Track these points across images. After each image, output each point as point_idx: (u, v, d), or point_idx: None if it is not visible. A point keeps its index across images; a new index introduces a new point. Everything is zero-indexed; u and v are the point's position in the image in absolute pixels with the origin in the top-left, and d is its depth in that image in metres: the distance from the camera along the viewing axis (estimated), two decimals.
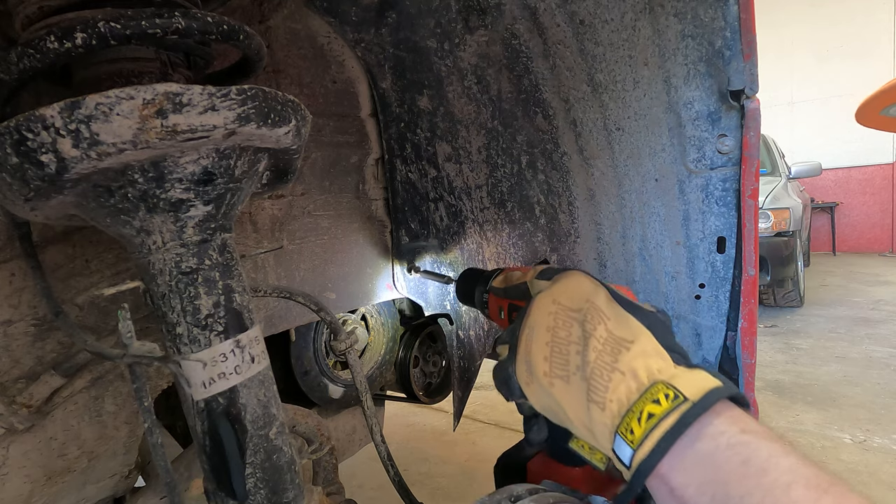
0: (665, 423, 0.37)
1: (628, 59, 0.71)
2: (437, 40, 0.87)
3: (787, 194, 4.41)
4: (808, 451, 2.22)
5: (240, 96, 0.40)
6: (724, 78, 0.63)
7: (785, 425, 2.43)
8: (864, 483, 2.01)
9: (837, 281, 5.58)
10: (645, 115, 0.73)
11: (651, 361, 0.41)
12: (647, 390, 0.39)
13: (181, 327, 0.45)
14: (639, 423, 0.38)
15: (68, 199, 0.41)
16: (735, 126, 0.66)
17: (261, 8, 0.84)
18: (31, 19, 0.44)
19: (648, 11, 0.66)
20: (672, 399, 0.38)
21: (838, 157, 7.50)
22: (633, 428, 0.38)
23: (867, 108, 4.18)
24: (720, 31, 0.62)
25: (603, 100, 0.76)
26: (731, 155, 0.67)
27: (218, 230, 0.47)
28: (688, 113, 0.69)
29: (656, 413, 0.38)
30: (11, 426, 0.55)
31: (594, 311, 0.45)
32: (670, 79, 0.68)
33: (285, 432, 0.52)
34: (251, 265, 0.84)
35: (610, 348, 0.43)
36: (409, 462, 2.15)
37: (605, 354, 0.43)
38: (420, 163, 1.03)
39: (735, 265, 0.69)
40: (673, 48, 0.66)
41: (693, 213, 0.72)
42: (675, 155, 0.72)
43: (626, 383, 0.40)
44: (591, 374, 0.42)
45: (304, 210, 0.93)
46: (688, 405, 0.37)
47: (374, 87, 1.01)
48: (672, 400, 0.38)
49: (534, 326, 0.49)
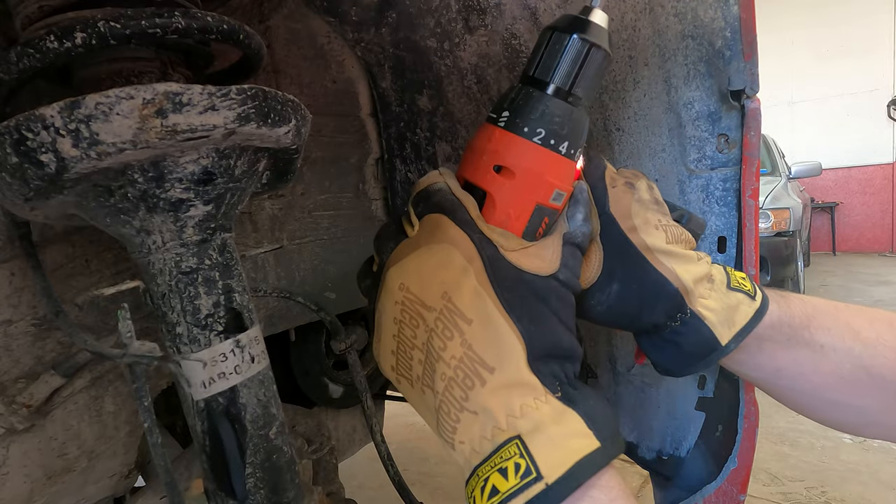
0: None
1: (628, 59, 0.71)
2: (437, 40, 0.87)
3: (787, 194, 4.42)
4: (809, 452, 2.23)
5: (240, 96, 0.40)
6: (725, 78, 0.63)
7: (785, 425, 2.43)
8: (864, 483, 2.01)
9: (837, 281, 5.58)
10: (645, 115, 0.73)
11: (513, 398, 0.33)
12: (496, 451, 0.32)
13: (181, 327, 0.45)
14: (481, 494, 0.32)
15: (68, 199, 0.41)
16: (735, 126, 0.66)
17: (261, 8, 0.84)
18: (31, 19, 0.44)
19: (648, 11, 0.66)
20: (522, 475, 0.31)
21: (838, 157, 7.51)
22: (476, 497, 0.32)
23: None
24: (720, 31, 0.62)
25: (603, 100, 0.76)
26: (731, 155, 0.67)
27: (218, 230, 0.47)
28: (688, 113, 0.69)
29: (501, 490, 0.31)
30: (11, 426, 0.55)
31: (449, 317, 0.35)
32: (670, 79, 0.68)
33: (285, 432, 0.52)
34: (251, 265, 0.84)
35: (463, 375, 0.34)
36: (409, 462, 2.15)
37: (455, 386, 0.34)
38: (420, 163, 1.03)
39: (735, 265, 0.69)
40: (673, 48, 0.66)
41: (694, 212, 0.72)
42: (675, 155, 0.72)
43: (480, 426, 0.33)
44: (439, 405, 0.35)
45: (304, 210, 0.93)
46: (538, 489, 0.30)
47: (373, 86, 1.01)
48: (521, 476, 0.31)
49: (381, 311, 0.40)
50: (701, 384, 0.76)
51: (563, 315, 0.38)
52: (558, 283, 0.38)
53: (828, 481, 2.04)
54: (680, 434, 0.80)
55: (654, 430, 0.83)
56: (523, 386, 0.34)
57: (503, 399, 0.33)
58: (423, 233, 0.39)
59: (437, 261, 0.37)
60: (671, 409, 0.80)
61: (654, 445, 0.83)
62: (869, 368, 0.48)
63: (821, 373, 0.49)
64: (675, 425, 0.80)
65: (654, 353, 0.50)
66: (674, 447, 0.81)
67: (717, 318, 0.46)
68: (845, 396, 0.50)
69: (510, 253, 0.38)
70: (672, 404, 0.80)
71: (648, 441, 0.84)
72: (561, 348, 0.36)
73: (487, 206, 0.41)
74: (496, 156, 0.41)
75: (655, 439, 0.83)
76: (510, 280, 0.36)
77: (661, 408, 0.82)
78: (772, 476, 2.11)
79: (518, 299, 0.36)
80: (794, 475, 2.10)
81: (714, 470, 0.74)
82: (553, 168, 0.41)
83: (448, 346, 0.35)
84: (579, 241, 0.41)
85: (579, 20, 0.41)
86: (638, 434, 0.86)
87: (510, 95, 0.42)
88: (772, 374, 0.51)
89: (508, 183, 0.40)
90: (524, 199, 0.41)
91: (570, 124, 0.41)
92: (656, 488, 0.86)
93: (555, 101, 0.40)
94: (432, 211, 0.40)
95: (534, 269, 0.37)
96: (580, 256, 0.42)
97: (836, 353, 0.48)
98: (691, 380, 0.77)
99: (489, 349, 0.34)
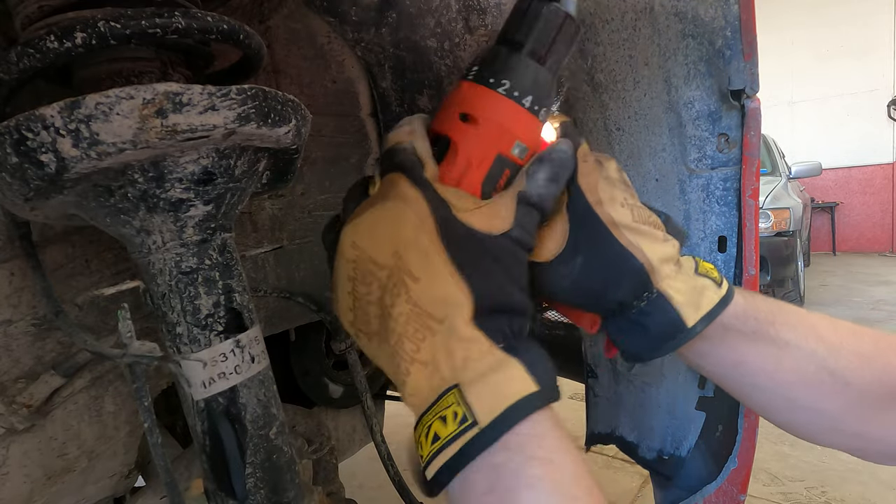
0: (446, 452, 0.33)
1: (628, 59, 0.71)
2: (437, 40, 0.87)
3: (787, 194, 4.42)
4: (809, 452, 2.23)
5: (240, 96, 0.40)
6: (725, 78, 0.63)
7: None
8: (864, 483, 2.01)
9: (837, 281, 5.58)
10: (645, 115, 0.73)
11: (457, 350, 0.35)
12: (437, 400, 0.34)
13: (181, 327, 0.45)
14: (426, 440, 0.34)
15: (68, 199, 0.41)
16: (736, 126, 0.66)
17: (261, 8, 0.84)
18: (31, 19, 0.44)
19: (648, 11, 0.66)
20: (459, 421, 0.33)
21: (838, 157, 7.51)
22: (422, 443, 0.35)
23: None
24: (720, 31, 0.62)
25: (603, 100, 0.76)
26: (731, 155, 0.67)
27: (218, 230, 0.47)
28: (688, 113, 0.69)
29: (441, 436, 0.33)
30: (11, 426, 0.55)
31: (398, 274, 0.36)
32: (670, 78, 0.68)
33: (285, 432, 0.52)
34: (251, 265, 0.84)
35: (413, 330, 0.36)
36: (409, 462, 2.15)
37: (405, 340, 0.36)
38: None
39: (736, 265, 0.69)
40: (673, 48, 0.66)
41: (694, 212, 0.72)
42: (675, 155, 0.72)
43: (427, 377, 0.35)
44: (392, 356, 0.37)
45: (304, 210, 0.93)
46: (472, 433, 0.32)
47: (374, 86, 1.01)
48: (459, 422, 0.33)
49: (337, 268, 0.41)
50: (701, 384, 0.76)
51: (515, 272, 0.39)
52: (510, 241, 0.39)
53: (828, 481, 2.04)
54: (680, 434, 0.80)
55: (654, 430, 0.83)
56: (468, 340, 0.35)
57: (447, 351, 0.35)
58: (380, 191, 0.40)
59: (389, 219, 0.38)
60: (671, 408, 0.80)
61: (655, 445, 0.83)
62: (832, 371, 0.48)
63: (783, 370, 0.49)
64: (676, 425, 0.80)
65: (621, 336, 0.50)
66: (674, 447, 0.81)
67: (684, 298, 0.46)
68: (806, 397, 0.49)
69: (463, 213, 0.38)
70: (672, 404, 0.80)
71: (649, 441, 0.84)
72: (509, 304, 0.37)
73: (450, 153, 0.42)
74: (462, 105, 0.43)
75: (656, 439, 0.83)
76: (461, 238, 0.37)
77: (661, 407, 0.82)
78: (772, 476, 2.11)
79: (467, 257, 0.37)
80: (794, 475, 2.10)
81: (714, 470, 0.75)
82: (515, 119, 0.42)
83: (396, 302, 0.36)
84: (535, 200, 0.41)
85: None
86: (638, 434, 0.86)
87: (483, 54, 0.44)
88: (733, 369, 0.51)
89: (472, 130, 0.42)
90: (486, 147, 0.42)
91: (534, 81, 0.42)
92: (656, 488, 0.86)
93: (522, 59, 0.42)
94: (393, 170, 0.40)
95: (485, 228, 0.38)
96: (536, 216, 0.42)
97: (801, 352, 0.48)
98: (691, 379, 0.77)
99: (436, 304, 0.35)
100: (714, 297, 0.47)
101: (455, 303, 0.35)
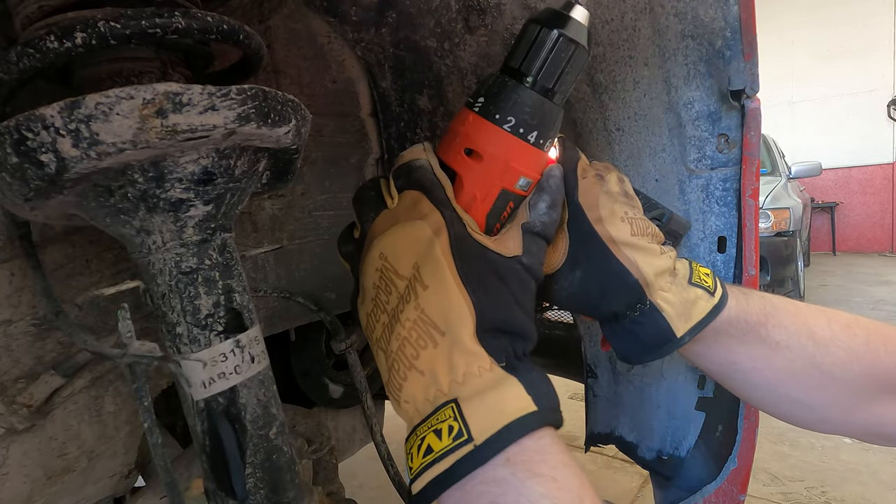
0: (438, 466, 0.32)
1: (628, 59, 0.71)
2: (437, 40, 0.87)
3: (787, 194, 4.42)
4: (809, 452, 2.23)
5: (240, 96, 0.40)
6: (725, 78, 0.64)
7: (785, 425, 2.43)
8: (864, 483, 2.01)
9: (837, 281, 5.59)
10: (645, 115, 0.73)
11: (458, 364, 0.35)
12: (434, 412, 0.34)
13: (181, 327, 0.45)
14: (418, 452, 0.34)
15: (68, 199, 0.41)
16: (735, 126, 0.66)
17: (261, 8, 0.84)
18: (31, 19, 0.44)
19: (648, 11, 0.66)
20: (454, 436, 0.32)
21: (838, 157, 7.51)
22: (413, 454, 0.35)
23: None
24: (720, 31, 0.62)
25: (603, 100, 0.76)
26: (731, 155, 0.67)
27: (218, 230, 0.47)
28: (688, 113, 0.69)
29: (434, 450, 0.33)
30: (11, 426, 0.55)
31: (412, 284, 0.38)
32: (670, 79, 0.68)
33: (285, 432, 0.52)
34: (251, 265, 0.84)
35: (416, 336, 0.37)
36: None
37: (408, 345, 0.37)
38: None
39: (735, 265, 0.69)
40: (673, 48, 0.66)
41: (694, 212, 0.72)
42: (675, 155, 0.72)
43: (423, 386, 0.36)
44: (391, 363, 0.38)
45: (304, 210, 0.93)
46: (466, 450, 0.32)
47: (373, 86, 1.01)
48: (454, 438, 0.32)
49: (364, 275, 0.43)
50: (701, 384, 0.76)
51: (521, 297, 0.39)
52: (521, 267, 0.40)
53: (828, 481, 2.04)
54: (680, 434, 0.80)
55: (654, 430, 0.83)
56: (469, 354, 0.35)
57: (448, 364, 0.35)
58: (402, 208, 0.42)
59: (411, 235, 0.40)
60: (671, 408, 0.80)
61: (654, 445, 0.83)
62: (820, 366, 0.51)
63: (773, 368, 0.51)
64: (675, 425, 0.80)
65: (614, 339, 0.52)
66: (674, 447, 0.81)
67: (675, 310, 0.48)
68: (797, 392, 0.52)
69: (477, 235, 0.40)
70: (672, 404, 0.80)
71: (648, 441, 0.84)
72: (513, 325, 0.38)
73: (457, 187, 0.43)
74: (468, 139, 0.43)
75: (655, 439, 0.83)
76: (472, 255, 0.39)
77: (661, 408, 0.82)
78: (772, 476, 2.11)
79: (476, 273, 0.38)
80: (794, 475, 2.11)
81: (714, 470, 0.75)
82: (520, 155, 0.42)
83: (405, 308, 0.37)
84: (538, 229, 0.42)
85: (560, 15, 0.42)
86: (638, 434, 0.86)
87: (488, 82, 0.43)
88: (727, 367, 0.53)
89: (477, 166, 0.42)
90: (490, 182, 0.42)
91: (540, 115, 0.42)
92: (656, 488, 0.86)
93: (528, 92, 0.42)
94: (412, 187, 0.42)
95: (498, 250, 0.40)
96: (543, 244, 0.43)
97: (790, 351, 0.51)
98: (691, 379, 0.77)
99: (440, 314, 0.36)
100: (705, 307, 0.49)
101: (458, 315, 0.36)
